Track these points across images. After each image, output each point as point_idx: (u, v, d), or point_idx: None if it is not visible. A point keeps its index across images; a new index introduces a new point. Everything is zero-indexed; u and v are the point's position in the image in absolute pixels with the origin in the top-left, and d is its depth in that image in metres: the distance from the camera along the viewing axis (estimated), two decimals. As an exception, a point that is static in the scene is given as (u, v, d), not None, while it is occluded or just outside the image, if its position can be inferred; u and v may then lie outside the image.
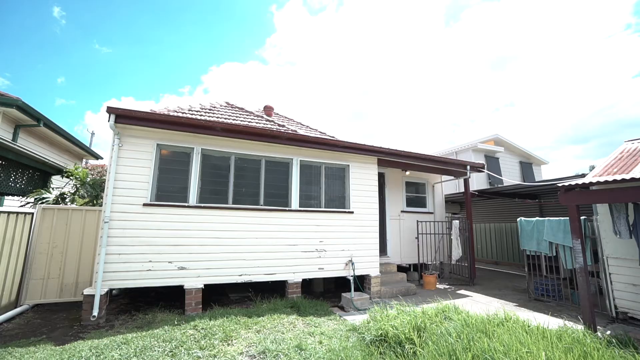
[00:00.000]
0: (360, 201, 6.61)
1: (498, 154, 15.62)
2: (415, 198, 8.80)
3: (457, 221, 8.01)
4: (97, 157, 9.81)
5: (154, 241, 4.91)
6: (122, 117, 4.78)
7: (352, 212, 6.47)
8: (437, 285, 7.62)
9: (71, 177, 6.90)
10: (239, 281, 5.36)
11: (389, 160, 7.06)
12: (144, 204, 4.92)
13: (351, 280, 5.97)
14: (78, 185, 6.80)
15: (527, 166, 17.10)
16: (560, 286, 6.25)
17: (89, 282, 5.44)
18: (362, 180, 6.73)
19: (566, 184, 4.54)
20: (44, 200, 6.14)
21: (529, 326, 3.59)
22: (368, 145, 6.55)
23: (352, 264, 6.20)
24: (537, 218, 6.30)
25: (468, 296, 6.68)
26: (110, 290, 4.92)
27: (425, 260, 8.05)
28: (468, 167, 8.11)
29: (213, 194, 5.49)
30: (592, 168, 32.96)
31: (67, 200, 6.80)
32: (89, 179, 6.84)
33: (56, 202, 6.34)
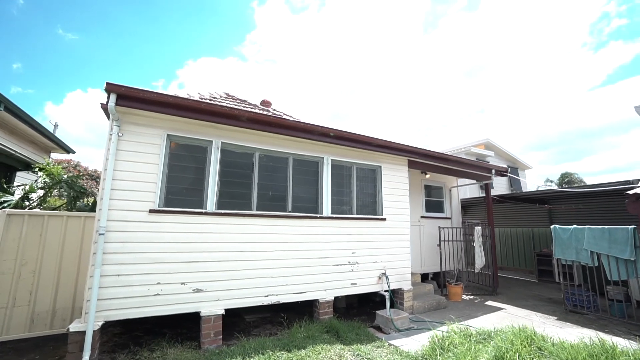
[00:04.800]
0: (391, 207, 5.93)
1: (488, 157, 15.75)
2: (433, 202, 8.30)
3: (479, 227, 7.61)
4: (68, 150, 8.24)
5: (163, 257, 3.88)
6: (125, 98, 3.70)
7: (384, 219, 5.77)
8: (462, 296, 7.15)
9: (38, 173, 5.55)
10: (265, 303, 4.45)
11: (418, 161, 6.46)
12: (151, 211, 3.87)
13: (386, 296, 5.27)
14: (50, 184, 5.48)
15: (513, 171, 17.45)
16: (595, 297, 5.99)
17: (70, 308, 4.26)
18: (394, 183, 6.06)
19: (639, 191, 4.16)
20: (4, 204, 4.81)
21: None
22: (402, 144, 5.89)
23: (387, 277, 5.50)
24: (575, 226, 6.00)
25: (501, 309, 6.24)
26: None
27: (446, 268, 7.56)
28: (493, 171, 7.75)
29: (234, 198, 4.53)
30: (565, 174, 33.81)
31: (32, 202, 5.46)
32: (65, 176, 5.53)
33: (17, 205, 4.99)
